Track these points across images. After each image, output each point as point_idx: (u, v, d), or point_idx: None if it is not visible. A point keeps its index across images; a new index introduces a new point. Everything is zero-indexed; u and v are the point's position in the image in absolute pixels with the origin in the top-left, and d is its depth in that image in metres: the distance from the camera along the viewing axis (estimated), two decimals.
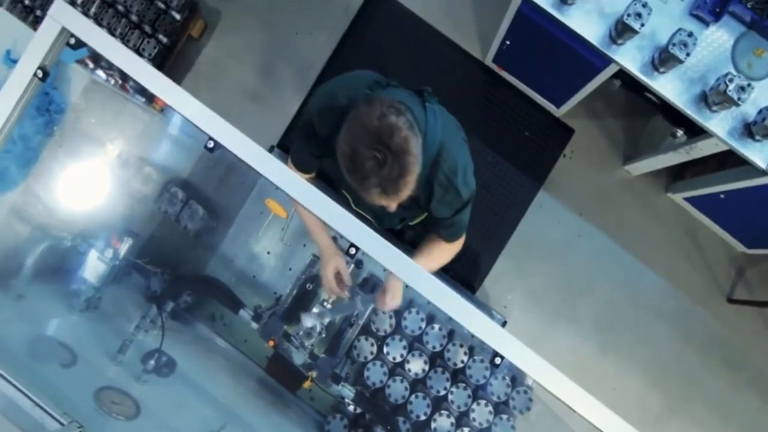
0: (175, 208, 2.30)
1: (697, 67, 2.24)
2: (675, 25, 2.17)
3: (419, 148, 1.39)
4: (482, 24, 3.32)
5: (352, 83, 1.65)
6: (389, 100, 1.39)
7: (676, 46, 2.10)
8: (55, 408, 1.46)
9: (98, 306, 2.07)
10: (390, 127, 1.32)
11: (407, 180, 1.36)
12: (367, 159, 1.31)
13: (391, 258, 1.19)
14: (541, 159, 3.31)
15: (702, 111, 2.24)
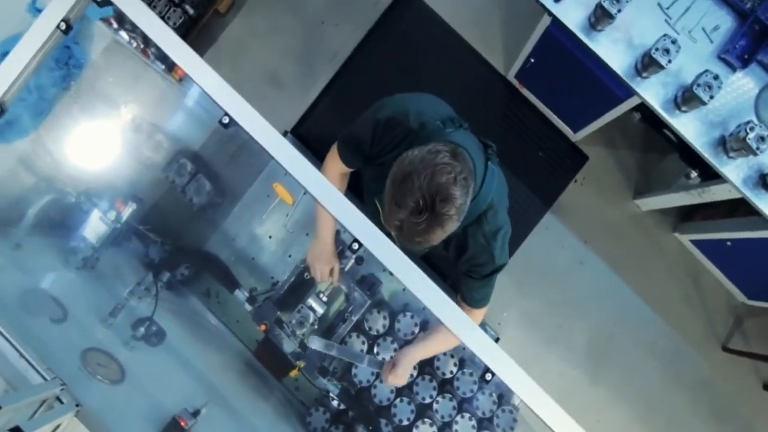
0: (182, 180, 2.34)
1: (719, 111, 2.25)
2: (702, 66, 2.20)
3: (463, 213, 1.42)
4: (509, 38, 3.36)
5: (429, 110, 1.69)
6: (463, 161, 1.40)
7: (700, 87, 2.11)
8: (39, 362, 1.49)
9: (95, 266, 2.09)
10: (447, 193, 1.35)
11: (429, 238, 1.39)
12: (409, 197, 1.34)
13: (392, 258, 1.23)
14: (552, 181, 3.32)
15: (719, 156, 2.26)
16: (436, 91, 3.03)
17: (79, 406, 1.45)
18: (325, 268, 2.08)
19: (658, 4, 2.23)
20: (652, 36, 2.19)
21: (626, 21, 2.22)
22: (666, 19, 2.23)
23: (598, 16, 2.16)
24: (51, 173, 2.10)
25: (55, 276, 1.97)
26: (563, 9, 2.23)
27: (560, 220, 3.37)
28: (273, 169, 2.50)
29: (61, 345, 1.65)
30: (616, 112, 2.69)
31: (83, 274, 2.07)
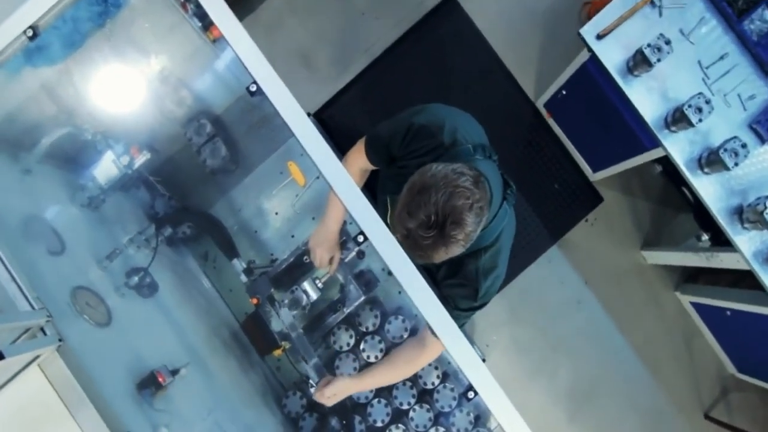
0: (200, 139, 2.37)
1: (742, 179, 2.30)
2: (731, 132, 2.26)
3: (470, 241, 1.47)
4: (544, 65, 3.43)
5: (465, 130, 1.72)
6: (483, 190, 1.46)
7: (726, 152, 2.17)
8: (30, 290, 1.53)
9: (99, 207, 2.14)
10: (460, 218, 1.40)
11: (431, 255, 1.44)
12: (423, 209, 1.39)
13: (394, 257, 1.29)
14: (563, 216, 3.41)
15: (734, 224, 2.30)
16: (463, 102, 3.12)
17: (61, 341, 1.48)
18: (325, 254, 2.12)
19: (698, 61, 2.30)
20: (687, 92, 2.26)
21: (664, 71, 2.29)
22: (704, 78, 2.30)
23: (637, 61, 2.24)
24: (72, 106, 2.12)
25: (59, 209, 2.00)
26: (604, 47, 2.31)
27: (565, 255, 3.43)
28: (291, 147, 2.55)
29: (53, 278, 1.67)
30: (639, 160, 2.75)
31: (87, 212, 2.10)
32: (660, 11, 2.32)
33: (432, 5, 3.49)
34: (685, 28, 2.32)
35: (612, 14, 2.32)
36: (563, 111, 3.24)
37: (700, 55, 2.32)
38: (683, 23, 2.32)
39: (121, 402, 1.56)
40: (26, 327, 1.46)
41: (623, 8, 2.31)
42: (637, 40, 2.29)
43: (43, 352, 1.45)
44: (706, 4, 2.33)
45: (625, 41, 2.32)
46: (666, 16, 2.32)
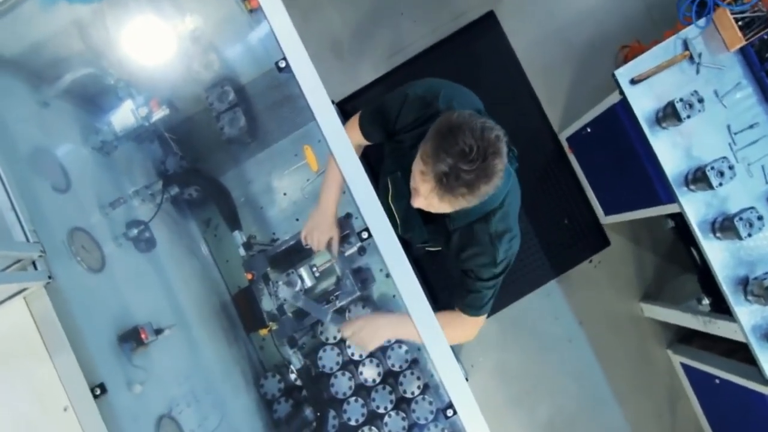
0: (221, 106, 2.40)
1: (752, 251, 2.33)
2: (750, 202, 2.30)
3: (501, 182, 1.48)
4: (573, 99, 3.48)
5: (460, 97, 1.75)
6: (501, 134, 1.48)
7: (742, 222, 2.21)
8: (28, 222, 1.55)
9: (110, 153, 2.16)
10: (497, 148, 1.41)
11: (472, 191, 1.43)
12: (461, 143, 1.39)
13: (395, 259, 1.28)
14: (568, 252, 3.45)
15: (737, 294, 2.33)
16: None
17: (51, 279, 1.49)
18: (323, 237, 2.13)
19: (727, 125, 2.34)
20: (711, 153, 2.31)
21: (692, 129, 2.33)
22: (730, 143, 2.34)
23: (667, 113, 2.29)
24: (100, 49, 2.12)
25: (71, 148, 2.01)
26: (636, 93, 2.36)
27: (563, 291, 3.47)
28: (310, 131, 2.59)
29: (53, 214, 1.68)
30: (653, 211, 2.79)
31: (97, 156, 2.12)
32: (698, 68, 2.36)
33: (471, 18, 3.55)
34: (720, 90, 2.36)
35: (650, 61, 2.37)
36: (585, 148, 3.28)
37: (731, 119, 2.36)
38: (719, 85, 2.36)
39: (100, 351, 1.57)
40: (18, 258, 1.47)
41: (662, 58, 2.37)
42: (671, 93, 2.35)
43: (30, 287, 1.47)
44: (744, 71, 2.38)
45: (659, 91, 2.37)
46: (703, 74, 2.37)
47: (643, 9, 3.52)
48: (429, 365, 2.46)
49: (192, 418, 1.86)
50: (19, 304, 1.52)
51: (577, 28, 3.54)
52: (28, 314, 1.51)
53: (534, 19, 3.55)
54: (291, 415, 2.37)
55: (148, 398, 1.68)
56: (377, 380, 2.41)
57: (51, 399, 1.47)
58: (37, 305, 1.50)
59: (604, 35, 3.51)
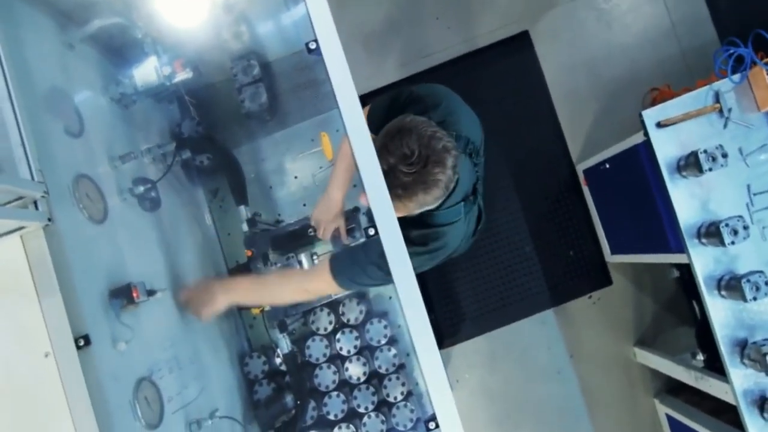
0: (244, 78, 2.41)
1: (755, 315, 2.32)
2: (760, 266, 2.30)
3: (445, 194, 1.53)
4: (595, 131, 3.51)
5: (459, 119, 1.78)
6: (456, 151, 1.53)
7: (749, 284, 2.21)
8: (35, 160, 1.54)
9: (128, 107, 2.16)
10: (441, 158, 1.46)
11: (408, 195, 1.48)
12: (405, 146, 1.44)
13: (398, 258, 1.29)
14: (568, 284, 3.47)
15: (733, 356, 2.33)
16: (505, 137, 3.22)
17: (50, 222, 1.48)
18: (330, 225, 2.16)
19: (748, 185, 2.34)
20: (728, 210, 2.32)
21: (711, 182, 2.34)
22: (748, 203, 2.34)
23: (689, 163, 2.30)
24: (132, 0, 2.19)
25: (89, 95, 2.00)
26: (660, 137, 2.37)
27: (558, 323, 3.48)
28: (329, 119, 2.62)
29: (62, 158, 1.67)
30: (660, 258, 2.79)
31: (115, 107, 2.11)
32: (726, 123, 2.37)
33: (505, 35, 3.58)
34: (745, 148, 2.36)
35: (679, 108, 2.39)
36: (600, 183, 3.29)
37: (752, 179, 2.36)
38: (745, 143, 2.36)
39: (90, 303, 1.56)
40: (20, 195, 1.45)
41: (691, 106, 2.38)
42: (695, 143, 2.36)
43: (29, 226, 1.45)
44: None
45: (684, 139, 2.39)
46: (730, 130, 2.37)
47: (678, 54, 3.56)
48: (416, 373, 2.47)
49: (172, 385, 1.85)
50: (16, 241, 1.50)
51: (609, 62, 3.57)
52: (22, 253, 1.49)
53: (567, 46, 3.58)
54: (271, 399, 2.37)
55: (131, 358, 1.67)
56: (362, 379, 2.42)
57: (33, 343, 1.45)
58: (32, 245, 1.48)
59: (634, 74, 3.55)
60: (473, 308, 3.47)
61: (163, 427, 1.72)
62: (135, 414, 1.60)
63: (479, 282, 3.48)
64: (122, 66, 2.17)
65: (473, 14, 3.59)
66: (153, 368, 1.78)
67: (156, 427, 1.68)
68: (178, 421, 1.83)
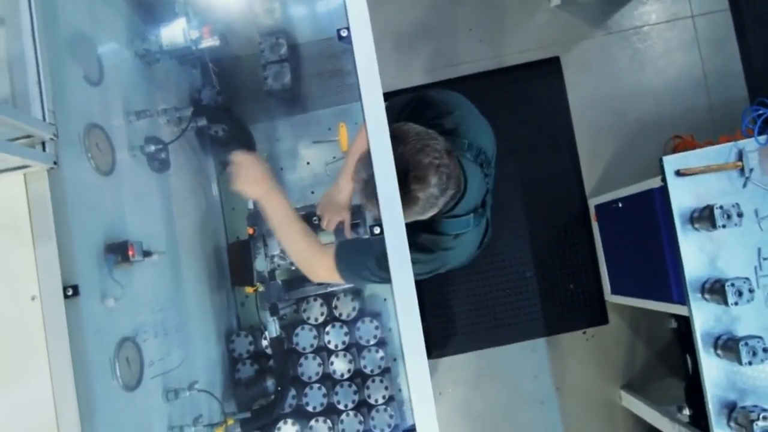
0: (271, 56, 2.40)
1: (748, 380, 2.31)
2: (759, 331, 2.30)
3: (430, 208, 1.52)
4: (612, 168, 3.54)
5: (472, 128, 1.77)
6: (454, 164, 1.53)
7: (746, 347, 2.21)
8: (49, 102, 1.54)
9: (151, 65, 2.15)
10: (423, 174, 1.45)
11: None
12: None
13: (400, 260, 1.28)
14: (565, 316, 3.48)
15: (720, 416, 2.32)
16: (519, 160, 3.22)
17: (56, 165, 1.47)
18: (334, 217, 2.15)
19: (759, 248, 2.34)
20: (735, 270, 2.32)
21: (723, 239, 2.35)
22: (757, 266, 2.34)
23: (703, 216, 2.32)
24: None
25: (114, 46, 1.99)
26: (678, 185, 2.38)
27: (549, 352, 3.49)
28: (350, 110, 2.62)
29: (77, 103, 1.67)
30: (659, 306, 2.79)
31: (137, 63, 2.11)
32: (745, 182, 2.37)
33: (536, 57, 3.61)
34: (761, 211, 2.36)
35: (700, 159, 2.40)
36: (610, 221, 3.29)
37: (764, 243, 2.36)
38: (762, 205, 2.37)
39: (84, 253, 1.55)
40: (29, 133, 1.45)
41: (713, 160, 2.39)
42: (712, 197, 2.37)
43: (33, 166, 1.44)
44: None
45: (701, 191, 2.39)
46: (749, 190, 2.37)
47: (706, 105, 3.60)
48: (400, 379, 2.46)
49: (155, 349, 1.84)
50: (18, 179, 1.49)
51: (635, 101, 3.61)
52: (23, 192, 1.49)
53: (596, 79, 3.62)
54: (252, 380, 2.37)
55: (117, 316, 1.66)
56: (345, 375, 2.41)
57: (21, 284, 1.45)
58: (35, 186, 1.47)
59: (659, 118, 3.60)
60: (466, 323, 3.47)
61: (140, 390, 1.71)
62: (113, 372, 1.60)
63: (476, 298, 3.49)
64: (150, 22, 2.16)
65: (507, 31, 3.63)
66: (138, 330, 1.77)
67: (132, 389, 1.67)
68: (155, 386, 1.82)
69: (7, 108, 1.39)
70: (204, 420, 2.05)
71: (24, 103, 1.51)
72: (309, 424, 2.39)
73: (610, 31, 3.67)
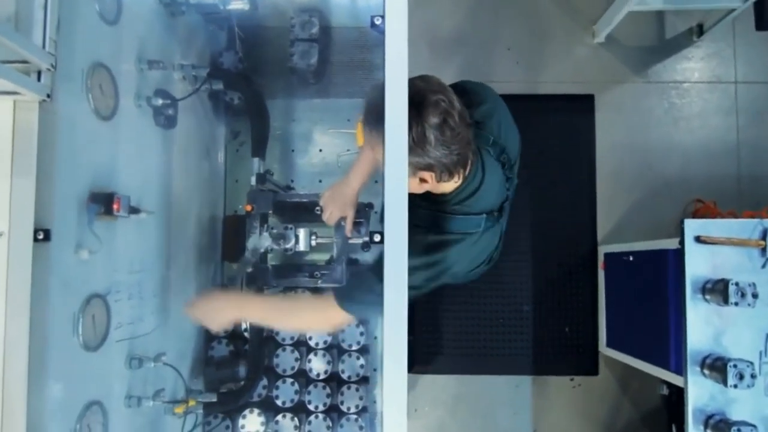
0: (301, 33, 2.31)
1: None
2: (753, 418, 2.18)
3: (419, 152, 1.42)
4: (628, 219, 3.44)
5: (500, 126, 1.72)
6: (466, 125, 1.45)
7: None
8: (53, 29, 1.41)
9: (174, 16, 2.05)
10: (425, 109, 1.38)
11: None
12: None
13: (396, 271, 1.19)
14: (555, 359, 3.38)
15: None
16: (536, 191, 3.13)
17: (49, 99, 1.39)
18: (336, 212, 2.07)
19: (767, 334, 2.24)
20: (740, 351, 2.23)
21: (732, 317, 2.25)
22: (762, 351, 2.25)
23: (716, 289, 2.22)
24: None
25: None
26: (695, 252, 2.29)
27: (533, 392, 3.39)
28: None
29: (86, 39, 1.57)
30: (654, 370, 2.72)
31: (161, 10, 2.00)
32: (765, 263, 2.28)
33: (571, 91, 3.54)
34: None
35: (722, 229, 2.31)
36: (618, 273, 3.20)
37: None
38: None
39: (64, 198, 1.46)
40: (25, 59, 1.36)
41: (736, 233, 2.30)
42: (729, 272, 2.27)
43: (25, 94, 1.35)
44: None
45: (718, 262, 2.29)
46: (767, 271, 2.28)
47: (734, 175, 3.51)
48: (377, 391, 2.40)
49: (126, 312, 1.75)
50: (7, 105, 1.38)
51: (663, 156, 3.53)
52: (11, 120, 1.38)
53: (627, 125, 3.54)
54: (224, 361, 2.32)
55: (90, 270, 1.57)
56: (321, 376, 2.35)
57: None
58: (23, 116, 1.38)
59: (685, 178, 3.51)
60: (454, 345, 3.38)
61: (102, 351, 1.61)
62: (75, 328, 1.50)
63: (468, 321, 3.39)
64: None
65: (546, 59, 3.56)
66: (111, 288, 1.67)
67: (93, 349, 1.58)
68: (119, 351, 1.74)
69: (4, 27, 1.29)
70: (165, 395, 1.95)
71: (26, 26, 1.42)
72: (276, 418, 2.31)
73: (649, 79, 3.60)
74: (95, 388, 1.62)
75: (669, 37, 3.61)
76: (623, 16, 3.28)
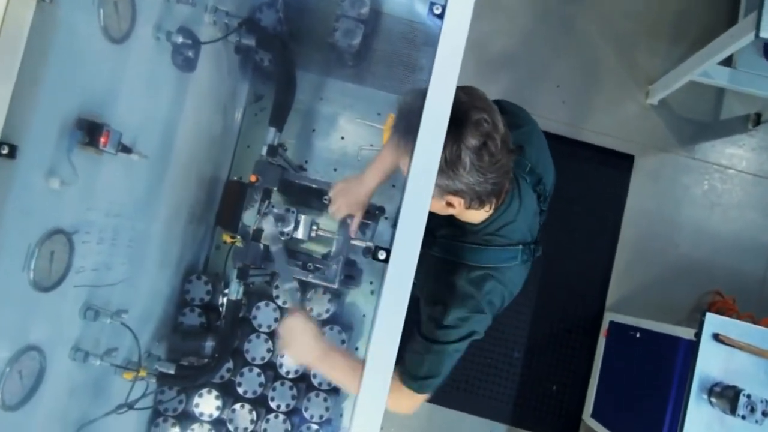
0: (350, 10, 2.19)
1: None
2: None
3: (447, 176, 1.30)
4: (641, 294, 3.37)
5: (537, 153, 1.64)
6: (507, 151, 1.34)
7: None
8: None
9: None
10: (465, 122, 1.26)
11: None
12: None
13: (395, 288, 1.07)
14: (535, 413, 3.30)
15: None
16: (553, 238, 2.98)
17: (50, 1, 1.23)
18: (343, 208, 1.94)
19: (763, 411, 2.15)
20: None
21: (734, 428, 2.17)
22: None
23: (725, 395, 2.15)
24: None
25: None
26: (710, 350, 2.23)
27: None
28: None
29: None
30: None
31: None
32: None
33: (612, 146, 3.48)
34: None
35: (742, 333, 2.25)
36: (620, 346, 3.12)
37: None
38: None
39: (44, 116, 1.28)
40: None
41: (757, 341, 2.24)
42: (742, 380, 2.21)
43: None
44: None
45: (732, 368, 2.23)
46: None
47: (760, 277, 3.43)
48: (345, 404, 2.32)
49: (91, 256, 1.57)
50: None
51: (691, 237, 3.47)
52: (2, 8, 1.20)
53: (662, 196, 3.50)
54: (192, 332, 2.18)
55: (59, 202, 1.39)
56: (290, 375, 2.23)
57: None
58: (15, 11, 1.20)
59: (709, 266, 3.43)
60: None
61: (53, 294, 1.43)
62: (27, 262, 1.32)
63: None
64: None
65: (594, 106, 3.51)
66: (81, 227, 1.49)
67: (44, 290, 1.40)
68: (75, 297, 1.56)
69: None
70: (117, 358, 1.79)
71: None
72: (233, 406, 2.18)
73: (694, 155, 3.53)
74: (38, 332, 1.44)
75: (724, 118, 3.58)
76: (683, 83, 3.24)
